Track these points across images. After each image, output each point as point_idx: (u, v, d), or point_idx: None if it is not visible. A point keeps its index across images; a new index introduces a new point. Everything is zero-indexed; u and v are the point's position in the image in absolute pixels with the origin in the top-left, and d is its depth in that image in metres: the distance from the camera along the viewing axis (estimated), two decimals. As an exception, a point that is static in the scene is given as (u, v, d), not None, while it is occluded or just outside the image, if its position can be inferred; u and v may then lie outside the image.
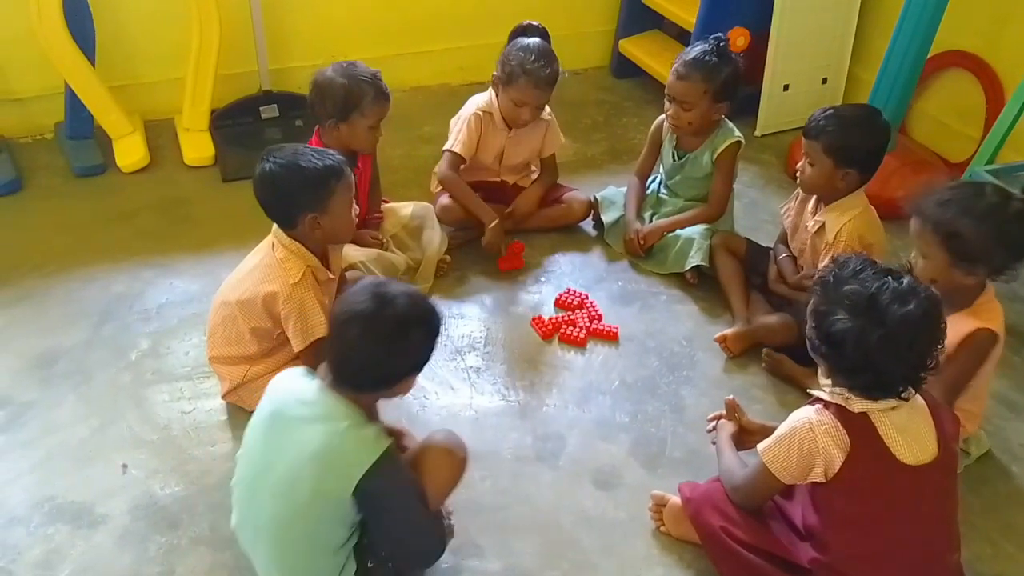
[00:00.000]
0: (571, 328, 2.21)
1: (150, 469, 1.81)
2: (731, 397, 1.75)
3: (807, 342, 1.47)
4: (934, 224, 1.66)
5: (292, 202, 1.73)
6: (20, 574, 1.60)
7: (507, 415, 1.99)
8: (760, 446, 1.50)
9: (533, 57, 2.26)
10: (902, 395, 1.40)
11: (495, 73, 2.33)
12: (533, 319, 2.25)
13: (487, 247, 2.38)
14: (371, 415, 1.43)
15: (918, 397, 1.44)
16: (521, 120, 2.36)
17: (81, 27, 2.59)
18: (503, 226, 2.39)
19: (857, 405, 1.40)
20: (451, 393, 2.03)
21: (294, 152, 1.74)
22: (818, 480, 1.43)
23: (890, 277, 1.37)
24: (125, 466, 1.81)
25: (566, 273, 2.44)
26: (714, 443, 1.72)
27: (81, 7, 2.60)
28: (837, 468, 1.40)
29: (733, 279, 2.30)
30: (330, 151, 1.79)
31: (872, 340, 1.34)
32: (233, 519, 1.52)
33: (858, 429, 1.40)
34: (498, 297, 2.34)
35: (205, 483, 1.78)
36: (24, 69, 2.76)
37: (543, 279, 2.41)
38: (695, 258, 2.33)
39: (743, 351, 2.16)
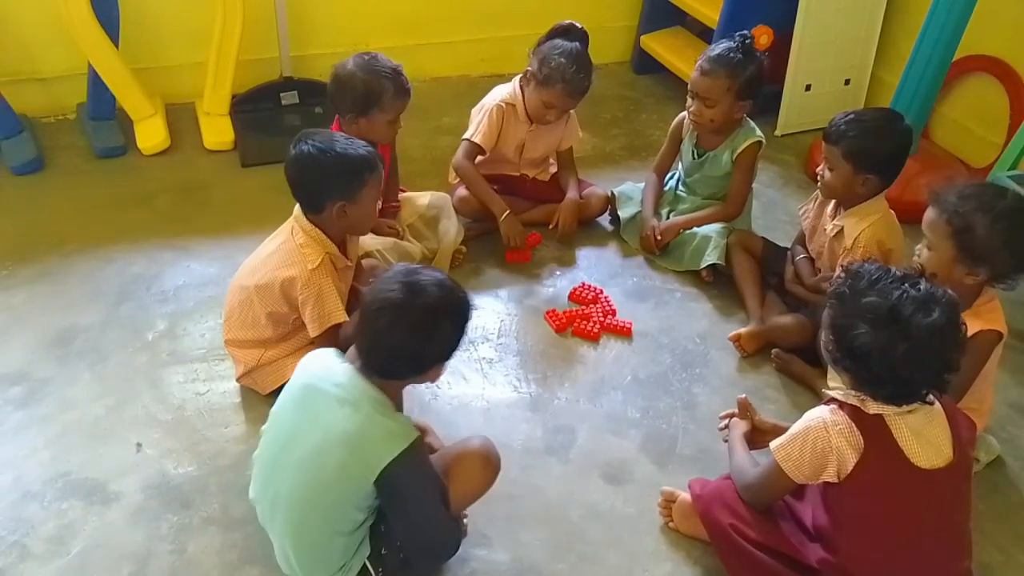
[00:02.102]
0: (585, 322, 2.21)
1: (164, 448, 1.83)
2: (743, 396, 1.74)
3: (826, 354, 1.45)
4: (949, 215, 1.66)
5: (324, 187, 1.74)
6: (33, 548, 1.62)
7: (519, 407, 1.99)
8: (773, 444, 1.49)
9: (575, 67, 2.25)
10: (927, 399, 1.39)
11: (529, 67, 2.31)
12: (547, 312, 2.25)
13: (505, 239, 2.38)
14: (398, 403, 1.45)
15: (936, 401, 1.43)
16: (545, 119, 2.37)
17: (106, 9, 2.61)
18: (517, 218, 2.38)
19: (873, 407, 1.39)
20: (463, 383, 2.04)
21: (331, 138, 1.75)
22: (830, 480, 1.42)
23: (907, 284, 1.36)
24: (139, 445, 1.83)
25: (581, 267, 2.44)
26: (726, 440, 1.72)
27: (106, -12, 2.62)
28: (850, 469, 1.39)
29: (749, 278, 2.29)
30: (364, 142, 1.80)
31: (898, 353, 1.32)
32: (252, 491, 1.53)
33: (872, 431, 1.39)
34: (513, 289, 2.34)
35: (218, 464, 1.80)
36: (48, 49, 2.79)
37: (558, 273, 2.41)
38: (711, 256, 2.32)
39: (757, 350, 2.16)
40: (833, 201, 2.10)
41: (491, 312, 2.26)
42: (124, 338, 2.09)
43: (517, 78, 2.40)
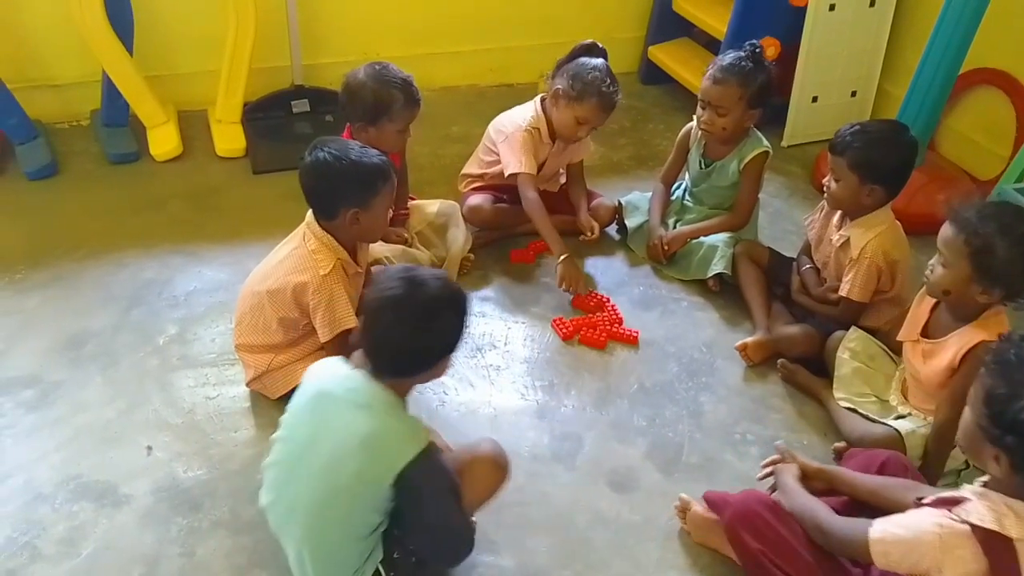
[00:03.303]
0: (591, 330, 2.22)
1: (174, 452, 1.84)
2: (781, 442, 1.72)
3: (975, 433, 1.28)
4: (968, 235, 1.64)
5: (338, 194, 1.77)
6: (44, 550, 1.63)
7: (525, 414, 2.00)
8: (874, 533, 1.34)
9: (608, 81, 2.28)
10: None
11: (558, 87, 2.31)
12: (554, 320, 2.26)
13: (560, 280, 2.31)
14: (407, 404, 1.47)
15: None
16: (577, 136, 2.38)
17: (120, 17, 2.64)
18: (575, 260, 2.35)
19: (1014, 528, 1.22)
20: (470, 390, 2.05)
21: (346, 146, 1.78)
22: None
23: None
24: (149, 448, 1.85)
25: (588, 276, 2.45)
26: (770, 489, 1.66)
27: (121, -3, 2.66)
28: None
29: (755, 288, 2.30)
30: (377, 151, 1.82)
31: None
32: (264, 498, 1.54)
33: (1000, 561, 1.22)
34: (520, 297, 2.36)
35: (227, 468, 1.81)
36: (63, 56, 2.82)
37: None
38: (718, 266, 2.33)
39: (763, 360, 2.17)
40: (839, 212, 2.12)
41: (498, 319, 2.27)
42: (135, 342, 2.11)
43: (536, 100, 2.41)
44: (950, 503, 1.30)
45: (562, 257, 2.30)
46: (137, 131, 2.83)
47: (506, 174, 2.36)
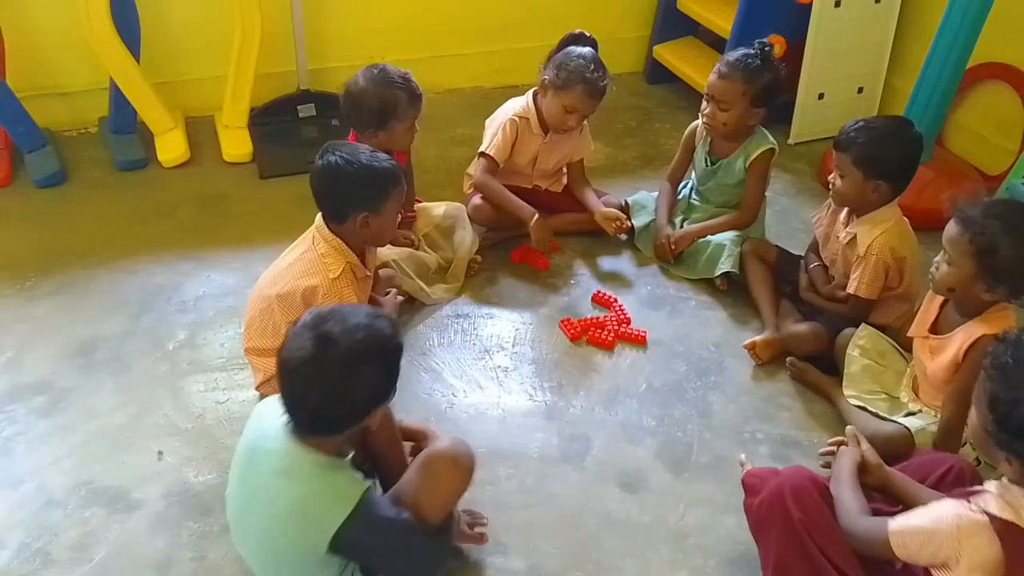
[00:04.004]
0: (599, 331, 2.22)
1: (184, 457, 1.85)
2: (851, 428, 1.63)
3: (982, 438, 1.28)
4: (973, 233, 1.63)
5: (349, 197, 1.78)
6: (56, 555, 1.64)
7: (534, 415, 2.00)
8: (893, 526, 1.34)
9: (593, 67, 2.28)
10: None
11: (545, 77, 2.33)
12: (562, 321, 2.26)
13: (536, 244, 2.39)
14: (341, 452, 1.40)
15: None
16: (566, 126, 2.38)
17: (127, 24, 2.66)
18: (547, 221, 2.39)
19: None
20: (479, 392, 2.05)
21: (357, 150, 1.79)
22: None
23: None
24: (160, 453, 1.86)
25: (595, 276, 2.45)
26: (823, 467, 1.62)
27: (127, 5, 2.66)
28: None
29: (763, 286, 2.29)
30: (387, 155, 1.83)
31: None
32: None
33: (1018, 551, 1.22)
34: (527, 298, 2.36)
35: (237, 472, 1.82)
36: (71, 64, 2.84)
37: (572, 281, 2.43)
38: (725, 264, 2.33)
39: (772, 358, 2.16)
40: (846, 209, 2.11)
41: (506, 321, 2.27)
42: (145, 348, 2.12)
43: (530, 92, 2.42)
44: (970, 495, 1.29)
45: (533, 220, 2.35)
46: (145, 138, 2.85)
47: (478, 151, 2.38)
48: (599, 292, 2.35)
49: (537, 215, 2.36)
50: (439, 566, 1.54)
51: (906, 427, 1.81)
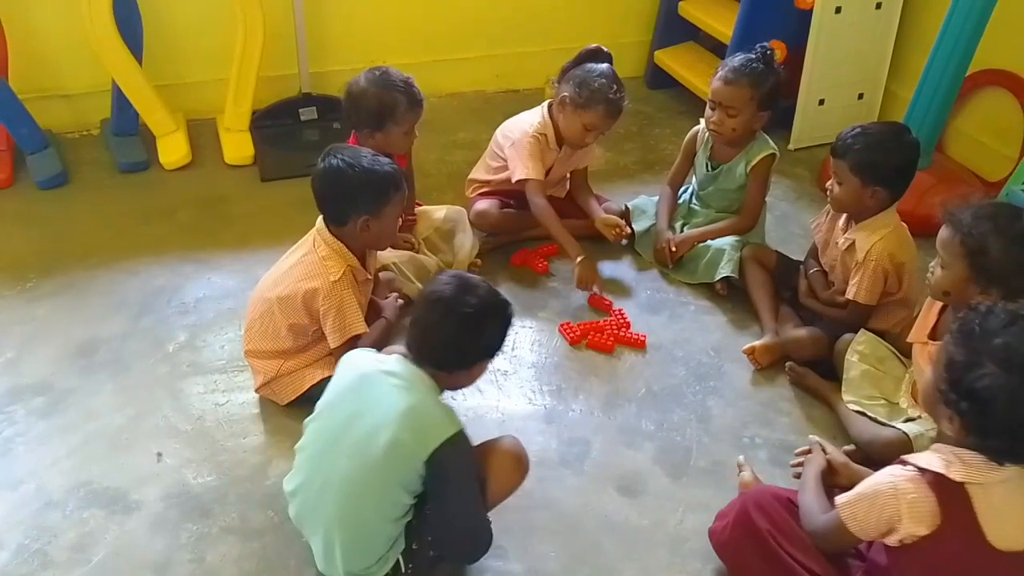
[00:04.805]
0: (599, 335, 2.22)
1: (183, 458, 1.85)
2: (813, 437, 1.70)
3: (933, 395, 1.33)
4: (963, 235, 1.65)
5: (350, 201, 1.78)
6: (55, 556, 1.65)
7: (533, 419, 2.00)
8: (840, 499, 1.40)
9: (616, 87, 2.28)
10: None
11: (564, 94, 2.31)
12: (561, 324, 2.26)
13: (578, 284, 2.33)
14: (444, 389, 1.52)
15: None
16: (584, 142, 2.38)
17: (130, 27, 2.67)
18: (591, 260, 2.35)
19: (958, 473, 1.26)
20: (478, 395, 2.05)
21: (359, 154, 1.80)
22: (893, 545, 1.35)
23: None
24: (160, 455, 1.86)
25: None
26: (796, 476, 1.67)
27: (130, 7, 2.68)
28: (917, 539, 1.30)
29: (762, 291, 2.30)
30: (389, 159, 1.84)
31: None
32: (291, 483, 1.56)
33: (951, 502, 1.27)
34: (527, 302, 2.36)
35: (236, 474, 1.82)
36: (73, 66, 2.85)
37: (572, 286, 2.42)
38: (725, 269, 2.33)
39: (771, 363, 2.16)
40: (845, 215, 2.11)
41: (506, 325, 2.27)
42: (145, 349, 2.12)
43: (543, 106, 2.41)
44: (905, 460, 1.35)
45: (579, 259, 2.31)
46: (147, 140, 2.86)
47: (513, 180, 2.36)
48: (594, 295, 2.34)
49: (584, 256, 2.32)
50: (483, 542, 1.55)
51: (905, 433, 1.81)
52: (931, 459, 1.31)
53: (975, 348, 1.25)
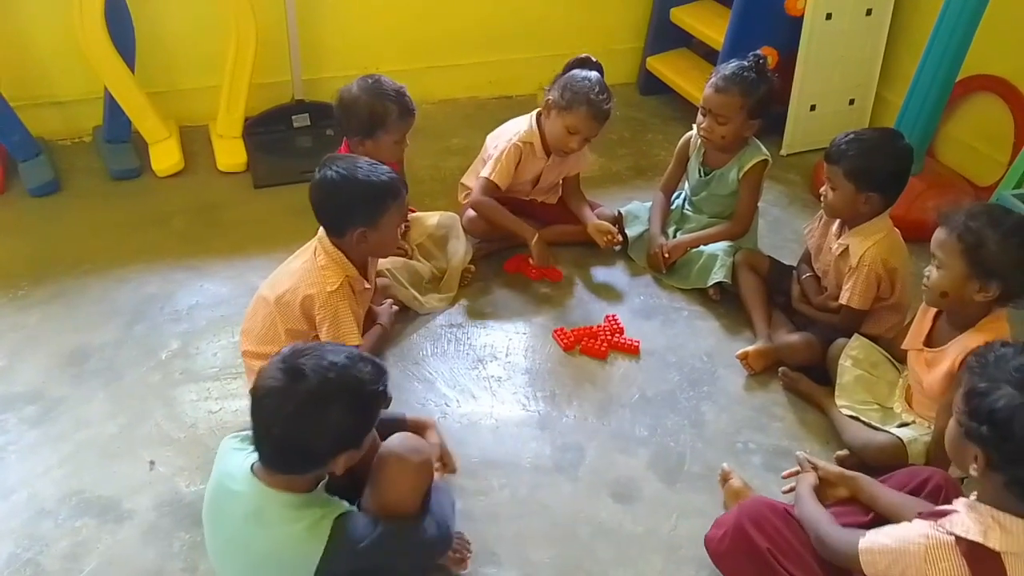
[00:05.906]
0: (592, 341, 2.22)
1: (176, 467, 1.84)
2: (801, 453, 1.72)
3: (957, 429, 1.30)
4: (960, 232, 1.66)
5: (345, 213, 1.77)
6: (46, 566, 1.64)
7: (527, 425, 2.00)
8: (864, 542, 1.35)
9: (597, 89, 2.29)
10: None
11: (549, 98, 2.33)
12: (555, 330, 2.27)
13: (537, 262, 2.40)
14: (311, 486, 1.38)
15: None
16: (568, 148, 2.38)
17: (122, 34, 2.67)
18: (545, 239, 2.41)
19: (996, 542, 1.22)
20: (472, 401, 2.05)
21: (354, 164, 1.78)
22: None
23: None
24: (152, 463, 1.85)
25: (589, 287, 2.46)
26: (786, 492, 1.69)
27: (122, 14, 2.67)
28: None
29: (755, 296, 2.30)
30: (387, 168, 1.83)
31: None
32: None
33: (984, 572, 1.22)
34: (521, 308, 2.36)
35: (229, 482, 1.81)
36: (65, 73, 2.84)
37: (565, 292, 2.43)
38: (718, 274, 2.34)
39: (764, 368, 2.16)
40: (838, 220, 2.12)
41: (499, 331, 2.27)
42: (138, 357, 2.12)
43: (532, 114, 2.42)
44: (940, 515, 1.30)
45: (534, 239, 2.37)
46: (139, 147, 2.85)
47: (479, 175, 2.38)
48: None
49: (538, 235, 2.37)
50: (436, 548, 1.52)
51: (899, 437, 1.81)
52: (968, 524, 1.25)
53: (991, 375, 1.25)
